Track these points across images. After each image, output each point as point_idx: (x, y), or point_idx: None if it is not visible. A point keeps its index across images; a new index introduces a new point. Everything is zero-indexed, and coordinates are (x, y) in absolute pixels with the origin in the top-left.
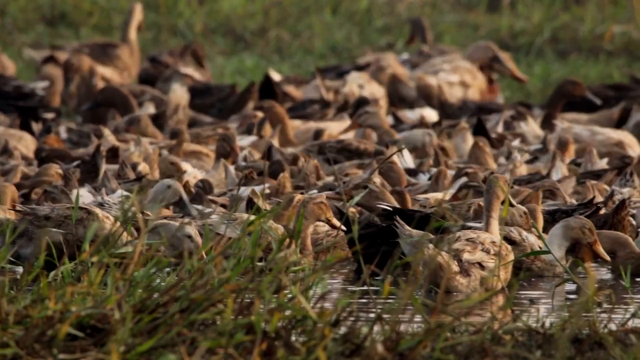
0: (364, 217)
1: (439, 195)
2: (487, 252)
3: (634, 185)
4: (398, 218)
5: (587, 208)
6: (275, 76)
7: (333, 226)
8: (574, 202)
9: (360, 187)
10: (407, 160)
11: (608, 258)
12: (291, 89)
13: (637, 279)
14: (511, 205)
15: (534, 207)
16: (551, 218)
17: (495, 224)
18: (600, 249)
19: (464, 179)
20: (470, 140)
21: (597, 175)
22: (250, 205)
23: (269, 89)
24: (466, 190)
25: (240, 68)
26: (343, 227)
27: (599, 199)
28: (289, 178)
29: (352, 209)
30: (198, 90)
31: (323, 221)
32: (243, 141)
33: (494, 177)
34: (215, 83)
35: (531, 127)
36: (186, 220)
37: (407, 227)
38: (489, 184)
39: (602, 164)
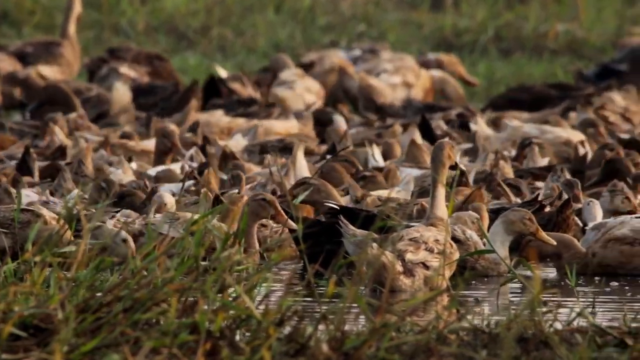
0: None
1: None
2: (431, 251)
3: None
4: (342, 217)
5: (531, 206)
6: (223, 72)
7: (280, 222)
8: (519, 200)
9: (300, 185)
10: (377, 158)
11: (554, 242)
12: (237, 86)
13: (582, 278)
14: (460, 171)
15: (480, 205)
16: (495, 216)
17: (441, 195)
18: (544, 235)
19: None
20: (418, 139)
21: (535, 173)
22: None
23: (213, 88)
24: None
25: (183, 66)
26: (293, 225)
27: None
28: (214, 175)
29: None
30: (141, 89)
31: (269, 218)
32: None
33: (439, 143)
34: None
35: (480, 126)
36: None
37: (351, 226)
38: (435, 150)
39: (544, 162)
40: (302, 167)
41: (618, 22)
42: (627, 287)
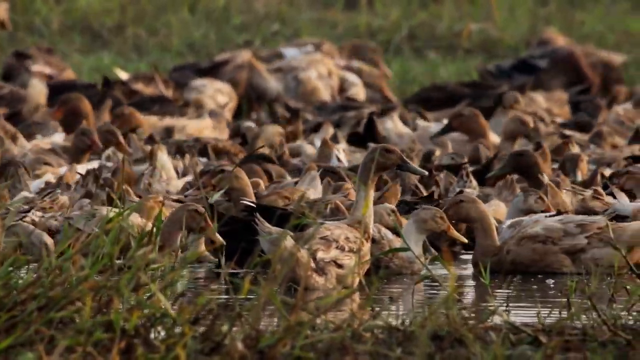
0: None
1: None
2: (342, 249)
3: (472, 185)
4: (258, 215)
5: (429, 201)
6: (123, 75)
7: (207, 235)
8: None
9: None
10: (342, 158)
11: (465, 240)
12: (140, 87)
13: (496, 276)
14: (410, 170)
15: (390, 201)
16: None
17: (365, 196)
18: (455, 233)
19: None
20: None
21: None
22: None
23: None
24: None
25: (98, 66)
26: (220, 239)
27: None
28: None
29: None
30: (62, 86)
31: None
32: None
33: (373, 147)
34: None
35: (396, 125)
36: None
37: (267, 224)
38: (367, 154)
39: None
40: (167, 168)
41: (531, 21)
42: (540, 285)
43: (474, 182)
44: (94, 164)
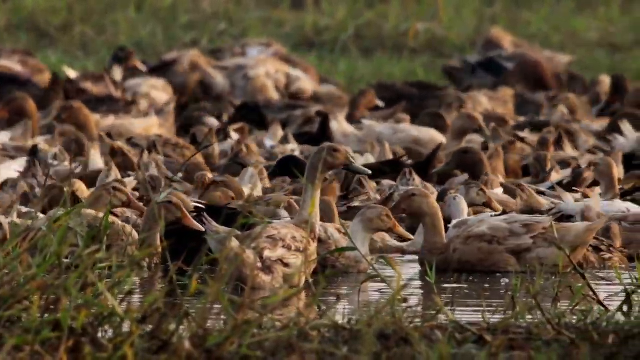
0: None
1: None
2: (289, 248)
3: (414, 183)
4: (205, 214)
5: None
6: (72, 73)
7: (187, 225)
8: (378, 197)
9: (167, 182)
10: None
11: (411, 237)
12: (89, 85)
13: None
14: (355, 170)
15: (329, 200)
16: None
17: (312, 196)
18: (401, 230)
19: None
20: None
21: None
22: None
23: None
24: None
25: (45, 64)
26: (199, 226)
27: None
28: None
29: None
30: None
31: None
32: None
33: (321, 147)
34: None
35: (341, 125)
36: None
37: (214, 223)
38: (314, 154)
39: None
40: (97, 163)
41: (477, 21)
42: (486, 284)
43: (417, 180)
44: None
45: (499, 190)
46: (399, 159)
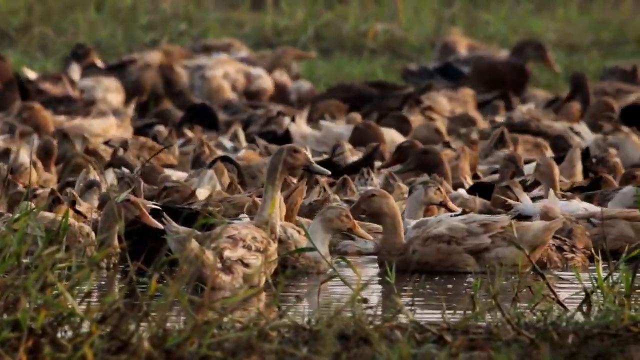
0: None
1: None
2: (249, 248)
3: (373, 183)
4: (165, 214)
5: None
6: (31, 74)
7: (146, 223)
8: (337, 197)
9: (124, 182)
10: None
11: (370, 237)
12: (48, 86)
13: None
14: (315, 171)
15: (296, 200)
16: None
17: (271, 197)
18: (360, 231)
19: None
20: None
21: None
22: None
23: (20, 88)
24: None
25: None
26: (158, 224)
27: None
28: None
29: None
30: None
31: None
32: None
33: (280, 148)
34: None
35: (299, 125)
36: None
37: (174, 224)
38: (273, 155)
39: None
40: (25, 160)
41: (436, 22)
42: (445, 285)
43: (375, 180)
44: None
45: (463, 191)
46: (330, 159)
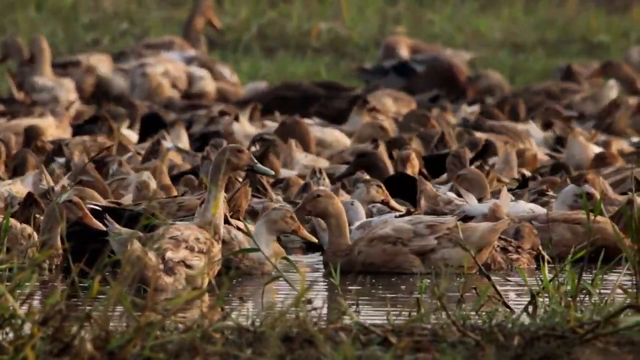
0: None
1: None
2: (192, 249)
3: (325, 183)
4: (107, 216)
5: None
6: None
7: (88, 224)
8: (280, 198)
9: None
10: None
11: (315, 240)
12: None
13: (348, 276)
14: (259, 172)
15: (240, 201)
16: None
17: (215, 197)
18: (305, 233)
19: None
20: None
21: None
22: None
23: None
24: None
25: None
26: (101, 225)
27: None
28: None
29: None
30: None
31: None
32: None
33: (223, 148)
34: None
35: (243, 125)
36: None
37: (117, 225)
38: (217, 155)
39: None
40: None
41: (380, 21)
42: (390, 286)
43: (327, 181)
44: None
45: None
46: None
